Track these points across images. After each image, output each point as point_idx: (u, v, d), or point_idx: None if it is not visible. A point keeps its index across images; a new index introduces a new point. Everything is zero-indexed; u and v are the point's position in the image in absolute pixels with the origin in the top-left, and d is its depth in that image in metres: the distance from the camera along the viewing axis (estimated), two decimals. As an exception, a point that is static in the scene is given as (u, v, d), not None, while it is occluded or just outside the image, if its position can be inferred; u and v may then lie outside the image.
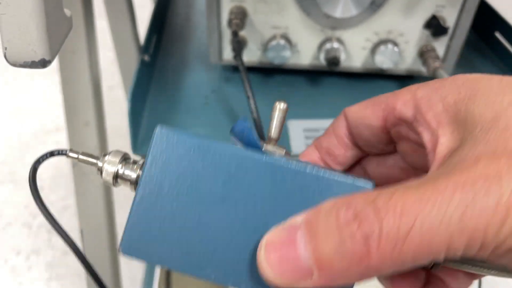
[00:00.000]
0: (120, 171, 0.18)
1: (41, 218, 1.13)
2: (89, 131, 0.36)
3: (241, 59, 0.32)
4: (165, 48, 0.44)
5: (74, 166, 0.36)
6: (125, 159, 0.18)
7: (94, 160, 0.19)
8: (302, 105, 0.38)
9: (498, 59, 0.45)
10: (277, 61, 0.37)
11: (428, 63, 0.35)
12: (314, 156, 0.22)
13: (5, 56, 0.19)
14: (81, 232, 0.38)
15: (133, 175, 0.18)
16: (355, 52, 0.38)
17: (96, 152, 0.36)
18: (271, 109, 0.36)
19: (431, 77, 0.40)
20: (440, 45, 0.37)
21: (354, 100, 0.38)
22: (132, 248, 0.17)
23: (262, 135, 0.30)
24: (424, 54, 0.36)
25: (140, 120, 0.34)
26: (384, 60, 0.37)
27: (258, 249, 0.15)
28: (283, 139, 0.34)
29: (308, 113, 0.37)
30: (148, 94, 0.38)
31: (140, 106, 0.34)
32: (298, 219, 0.15)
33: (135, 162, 0.18)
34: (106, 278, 0.40)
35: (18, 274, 1.01)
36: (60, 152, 0.21)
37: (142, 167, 0.17)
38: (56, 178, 1.25)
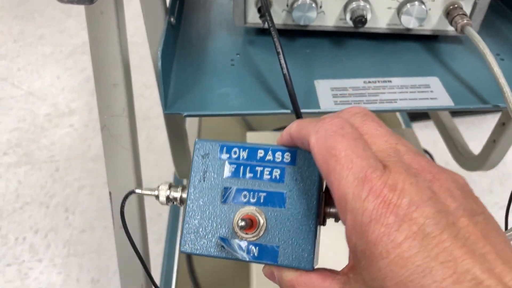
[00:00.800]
0: (170, 195, 0.25)
1: (57, 198, 1.15)
2: (118, 92, 0.36)
3: (269, 14, 0.32)
4: (188, 12, 0.44)
5: (102, 128, 0.37)
6: (170, 186, 0.25)
7: (151, 192, 0.26)
8: (327, 66, 0.38)
9: (523, 22, 0.44)
10: (302, 22, 0.37)
11: (456, 21, 0.35)
12: None
13: (54, -8, 0.19)
14: (110, 194, 0.39)
15: (178, 195, 0.25)
16: (380, 11, 0.37)
17: (124, 113, 0.37)
18: (298, 70, 0.36)
19: (458, 35, 0.39)
20: (466, 4, 0.37)
21: (378, 61, 0.38)
22: (189, 247, 0.23)
23: (292, 90, 0.31)
24: (451, 12, 0.36)
25: (169, 81, 0.35)
26: (410, 19, 0.37)
27: None
28: (312, 97, 0.34)
29: (335, 73, 0.37)
30: (174, 57, 0.38)
31: (168, 67, 0.35)
32: (274, 270, 0.23)
33: (177, 186, 0.25)
34: (136, 241, 0.40)
35: (36, 252, 1.03)
36: (131, 192, 0.27)
37: (183, 189, 0.25)
38: (71, 159, 1.27)
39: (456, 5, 0.36)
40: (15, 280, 0.98)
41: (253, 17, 0.38)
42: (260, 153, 0.23)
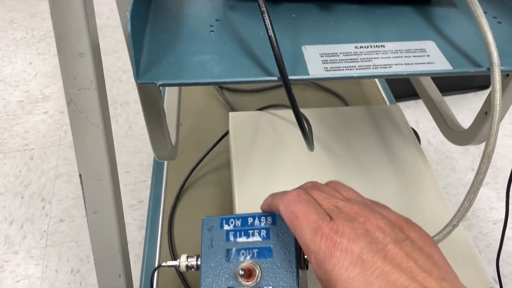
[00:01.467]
0: (189, 264, 0.33)
1: (33, 187, 1.10)
2: (84, 63, 0.32)
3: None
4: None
5: (69, 103, 0.33)
6: (188, 257, 0.33)
7: (174, 264, 0.34)
8: (315, 31, 0.35)
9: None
10: (287, -18, 0.34)
11: (453, -22, 0.33)
12: None
13: None
14: (80, 177, 0.35)
15: (194, 263, 0.33)
16: (371, -29, 0.35)
17: (93, 86, 0.33)
18: (283, 36, 0.33)
19: (453, -2, 0.37)
20: (463, -38, 0.34)
21: (369, 26, 0.35)
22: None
23: (279, 53, 0.28)
24: (447, -30, 0.34)
25: (142, 47, 0.31)
26: (403, -21, 0.34)
27: None
28: (299, 64, 0.31)
29: (323, 39, 0.34)
30: (147, 22, 0.34)
31: (140, 31, 0.31)
32: None
33: (192, 256, 0.33)
34: (111, 227, 0.37)
35: (12, 243, 0.99)
36: (158, 266, 0.36)
37: (197, 257, 0.33)
38: (46, 147, 1.21)
39: (452, -37, 0.34)
40: (-10, 274, 0.94)
41: (233, -21, 0.35)
42: (250, 220, 0.32)
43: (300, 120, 0.31)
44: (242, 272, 0.29)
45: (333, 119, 0.66)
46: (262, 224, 0.31)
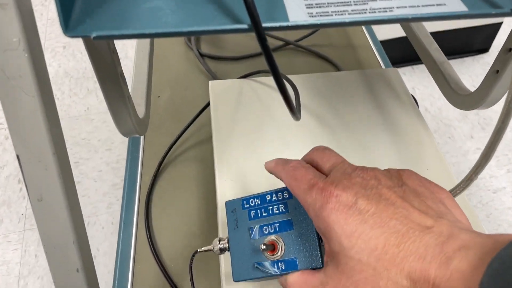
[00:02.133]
0: (221, 247, 0.34)
1: (9, 169, 1.03)
2: (7, 16, 0.26)
3: None
4: None
5: (-5, 68, 0.27)
6: (220, 240, 0.34)
7: (209, 248, 0.35)
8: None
9: None
10: None
11: None
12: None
13: None
14: (18, 158, 0.29)
15: (226, 245, 0.34)
16: None
17: (21, 45, 0.26)
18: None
19: None
20: None
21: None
22: (239, 275, 0.32)
23: (253, 4, 0.21)
24: None
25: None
26: None
27: None
28: (277, 8, 0.25)
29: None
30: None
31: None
32: (283, 278, 0.30)
33: (223, 239, 0.34)
34: (61, 215, 0.32)
35: (-12, 228, 0.93)
36: (196, 252, 0.37)
37: (228, 240, 0.34)
38: None
39: None
40: (-36, 261, 0.89)
41: None
42: (268, 197, 0.33)
43: (280, 81, 0.25)
44: (265, 247, 0.30)
45: (324, 85, 0.59)
46: (279, 199, 0.32)
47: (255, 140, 0.52)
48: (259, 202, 0.33)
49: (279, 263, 0.30)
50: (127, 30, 0.22)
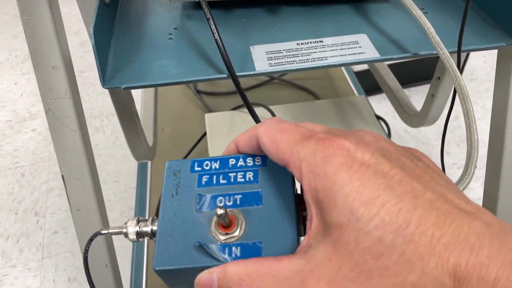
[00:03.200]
0: (139, 230, 0.24)
1: (26, 203, 1.13)
2: (58, 75, 0.36)
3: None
4: (125, -6, 0.44)
5: (47, 112, 0.37)
6: (139, 221, 0.24)
7: (119, 230, 0.24)
8: (263, 32, 0.39)
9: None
10: (234, -9, 0.38)
11: (377, -22, 0.37)
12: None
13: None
14: (63, 177, 0.39)
15: (148, 229, 0.23)
16: (308, -24, 0.39)
17: (67, 95, 0.37)
18: (234, 38, 0.38)
19: (382, -6, 0.42)
20: (388, -37, 0.39)
21: (311, 24, 0.40)
22: (163, 263, 0.21)
23: (226, 54, 0.32)
24: (373, -29, 0.38)
25: (107, 57, 0.35)
26: (336, -19, 0.38)
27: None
28: (248, 62, 0.36)
29: (270, 39, 0.38)
30: (112, 35, 0.38)
31: (104, 43, 0.35)
32: (214, 271, 0.20)
33: (146, 220, 0.24)
34: (95, 221, 0.41)
35: (9, 258, 1.02)
36: (97, 234, 0.26)
37: (153, 221, 0.23)
38: (37, 163, 1.25)
39: (377, -36, 0.38)
40: (-11, 288, 0.97)
41: (187, -9, 0.39)
42: (232, 161, 0.24)
43: (253, 113, 0.35)
44: (219, 217, 0.21)
45: (302, 113, 0.70)
46: (249, 165, 0.24)
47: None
48: (217, 166, 0.24)
49: (233, 248, 0.21)
50: (144, 82, 0.33)
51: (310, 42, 0.37)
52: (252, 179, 0.23)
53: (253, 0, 0.41)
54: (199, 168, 0.24)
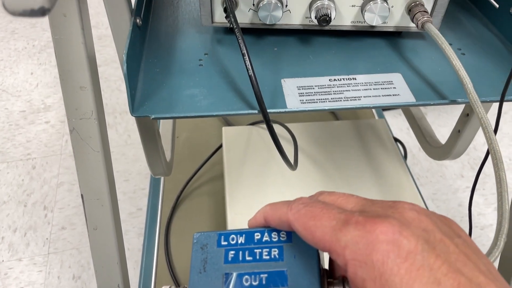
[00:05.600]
0: None
1: (35, 196, 1.13)
2: (85, 95, 0.36)
3: (234, 15, 0.32)
4: (156, 13, 0.44)
5: (71, 131, 0.37)
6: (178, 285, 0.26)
7: None
8: (295, 64, 0.38)
9: (483, 15, 0.46)
10: (269, 21, 0.37)
11: (416, 17, 0.36)
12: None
13: (3, 5, 0.19)
14: (82, 197, 0.39)
15: None
16: (345, 9, 0.38)
17: (93, 115, 0.37)
18: (265, 69, 0.37)
19: (420, 32, 0.41)
20: (427, 1, 0.38)
21: (344, 58, 0.39)
22: None
23: (259, 91, 0.31)
24: (412, 9, 0.37)
25: (136, 83, 0.35)
26: (373, 17, 0.37)
27: None
28: (279, 96, 0.35)
29: (301, 71, 0.37)
30: (142, 57, 0.38)
31: (135, 69, 0.35)
32: None
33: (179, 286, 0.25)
34: (110, 242, 0.41)
35: (16, 251, 1.02)
36: None
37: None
38: (48, 156, 1.25)
39: (417, 2, 0.37)
40: (-5, 281, 0.97)
41: (220, 17, 0.39)
42: (257, 235, 0.24)
43: (280, 147, 0.35)
44: None
45: (321, 133, 0.69)
46: (274, 240, 0.24)
47: (262, 180, 0.62)
48: (243, 241, 0.24)
49: None
50: (174, 113, 0.32)
51: (343, 79, 0.36)
52: (277, 256, 0.23)
53: (286, 29, 0.40)
54: (225, 243, 0.24)
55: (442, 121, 1.34)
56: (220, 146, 0.73)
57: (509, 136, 1.32)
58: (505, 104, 0.34)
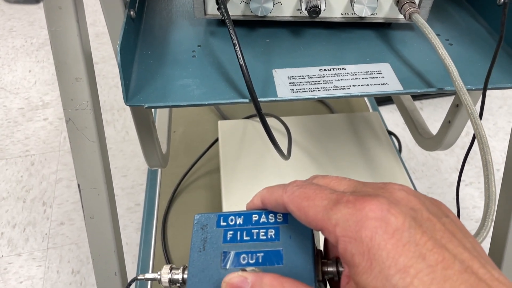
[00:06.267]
0: (171, 278, 0.26)
1: (34, 192, 1.14)
2: (81, 86, 0.37)
3: (225, 7, 0.33)
4: (150, 6, 0.44)
5: (67, 122, 0.38)
6: (171, 269, 0.26)
7: (154, 276, 0.26)
8: (286, 55, 0.39)
9: (471, 7, 0.46)
10: (260, 12, 0.38)
11: (404, 8, 0.37)
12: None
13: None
14: (78, 186, 0.40)
15: (179, 277, 0.25)
16: (334, 1, 0.39)
17: (88, 106, 0.38)
18: (257, 60, 0.38)
19: (409, 23, 0.41)
20: (416, -8, 0.39)
21: (334, 49, 0.40)
22: None
23: (249, 80, 0.32)
24: (400, 1, 0.38)
25: (130, 73, 0.35)
26: (362, 8, 0.38)
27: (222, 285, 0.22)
28: (270, 86, 0.36)
29: (292, 62, 0.38)
30: (136, 49, 0.39)
31: (129, 59, 0.35)
32: (249, 277, 0.21)
33: (178, 268, 0.26)
34: (107, 230, 0.42)
35: (15, 246, 1.03)
36: (134, 279, 0.28)
37: (184, 269, 0.25)
38: (47, 152, 1.26)
39: (405, -6, 0.38)
40: (-6, 275, 0.98)
41: (213, 9, 0.39)
42: (255, 217, 0.26)
43: (271, 136, 0.36)
44: None
45: (315, 127, 0.70)
46: (271, 221, 0.25)
47: (257, 172, 0.63)
48: (241, 222, 0.26)
49: None
50: (167, 102, 0.33)
51: (333, 69, 0.37)
52: (273, 236, 0.25)
53: (277, 21, 0.41)
54: (224, 223, 0.26)
55: (437, 115, 1.35)
56: (216, 140, 0.74)
57: (505, 130, 1.33)
58: (500, 98, 0.35)
